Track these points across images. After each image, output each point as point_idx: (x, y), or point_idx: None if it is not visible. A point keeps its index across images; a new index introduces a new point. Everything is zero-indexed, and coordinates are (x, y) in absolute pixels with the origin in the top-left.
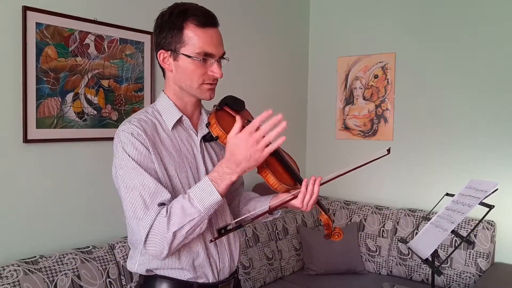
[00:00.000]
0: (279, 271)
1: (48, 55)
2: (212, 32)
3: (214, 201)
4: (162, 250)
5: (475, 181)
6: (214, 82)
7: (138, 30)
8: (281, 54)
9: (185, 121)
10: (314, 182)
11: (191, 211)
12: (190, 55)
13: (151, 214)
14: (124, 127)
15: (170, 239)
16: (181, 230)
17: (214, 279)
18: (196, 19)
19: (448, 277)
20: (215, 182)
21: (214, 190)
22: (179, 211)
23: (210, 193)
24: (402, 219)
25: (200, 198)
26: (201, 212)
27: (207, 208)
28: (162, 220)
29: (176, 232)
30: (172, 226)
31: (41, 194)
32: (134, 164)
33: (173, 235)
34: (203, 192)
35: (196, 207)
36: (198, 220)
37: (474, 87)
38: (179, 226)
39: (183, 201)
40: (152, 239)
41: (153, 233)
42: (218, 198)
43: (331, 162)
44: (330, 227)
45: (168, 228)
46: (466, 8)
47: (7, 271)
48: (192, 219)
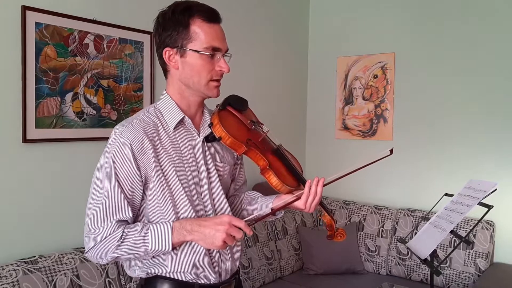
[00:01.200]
0: (278, 271)
1: (47, 54)
2: (217, 28)
3: (165, 248)
4: (100, 259)
5: (474, 181)
6: (220, 79)
7: (138, 30)
8: (281, 54)
9: (187, 121)
10: (317, 184)
11: (140, 247)
12: (198, 50)
13: (106, 228)
14: (121, 129)
15: (111, 258)
16: (124, 257)
17: (216, 280)
18: (202, 15)
19: (447, 277)
20: (173, 232)
21: (169, 241)
22: (130, 244)
23: (165, 241)
24: (401, 219)
25: (154, 241)
26: (148, 251)
27: (156, 250)
28: (113, 242)
29: (119, 257)
30: (118, 252)
31: (40, 193)
32: (113, 171)
33: (115, 258)
34: (160, 237)
35: (146, 246)
36: (142, 254)
37: (474, 87)
38: (123, 254)
39: (137, 236)
40: (96, 250)
41: (100, 246)
42: (169, 249)
43: (331, 162)
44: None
45: (114, 251)
46: (465, 8)
47: (6, 271)
48: (137, 253)
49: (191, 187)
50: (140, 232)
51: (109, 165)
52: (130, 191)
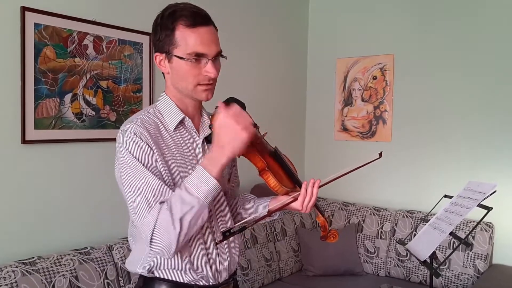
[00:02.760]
0: (278, 272)
1: (46, 55)
2: (203, 31)
3: (210, 186)
4: (170, 244)
5: (474, 183)
6: (210, 83)
7: (137, 31)
8: (280, 55)
9: (187, 122)
10: (313, 185)
11: (190, 200)
12: (182, 56)
13: (154, 212)
14: (126, 127)
15: (177, 230)
16: (185, 219)
17: (214, 281)
18: (184, 20)
19: (446, 278)
20: (207, 168)
21: (208, 175)
22: (179, 202)
23: (204, 179)
24: (400, 220)
25: (196, 186)
26: (200, 199)
27: (204, 194)
28: (165, 213)
29: (182, 220)
30: (175, 216)
31: (39, 195)
32: (138, 163)
33: (179, 224)
34: (198, 180)
35: (194, 195)
36: (198, 208)
37: (473, 89)
38: (181, 214)
39: (180, 192)
40: (158, 235)
41: (158, 228)
42: (214, 182)
43: (330, 163)
44: (326, 229)
45: (173, 219)
46: (465, 9)
47: (4, 272)
48: (192, 207)
49: None
50: (180, 190)
51: (129, 158)
52: (160, 172)
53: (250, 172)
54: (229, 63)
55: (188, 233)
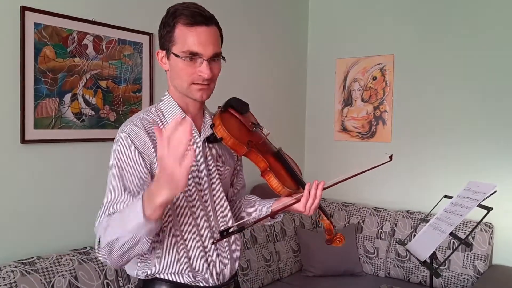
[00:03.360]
0: (277, 273)
1: (46, 55)
2: (201, 31)
3: (138, 222)
4: (104, 260)
5: (474, 183)
6: (205, 83)
7: (137, 31)
8: (280, 56)
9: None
10: (317, 187)
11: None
12: (177, 54)
13: (100, 222)
14: (124, 127)
15: (106, 250)
16: (116, 243)
17: (214, 283)
18: (184, 18)
19: (446, 279)
20: (144, 202)
21: (140, 212)
22: (117, 223)
23: (136, 214)
24: (400, 221)
25: (129, 216)
26: (130, 231)
27: (133, 228)
28: (102, 229)
29: (110, 243)
30: (106, 237)
31: (38, 194)
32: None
33: (108, 247)
34: (132, 211)
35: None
36: (129, 238)
37: (473, 89)
38: (111, 238)
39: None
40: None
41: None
42: (141, 221)
43: (330, 163)
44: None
45: (104, 238)
46: (465, 9)
47: (4, 272)
48: (122, 236)
49: (191, 188)
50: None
51: (114, 162)
52: (139, 184)
53: (251, 172)
54: (229, 63)
55: (123, 256)
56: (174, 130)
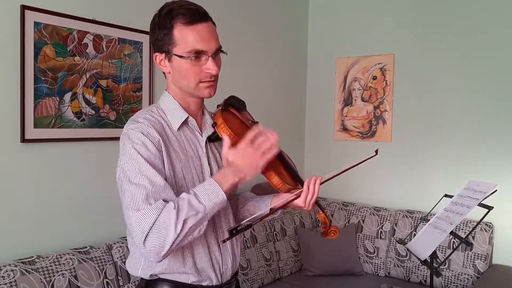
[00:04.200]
0: (277, 272)
1: (46, 54)
2: (201, 28)
3: (219, 199)
4: (164, 244)
5: (474, 182)
6: (212, 79)
7: (137, 30)
8: (280, 55)
9: (191, 122)
10: (315, 182)
11: (197, 206)
12: (181, 55)
13: (156, 207)
14: (133, 126)
15: (178, 231)
16: (188, 222)
17: (218, 282)
18: (182, 18)
19: (446, 278)
20: (219, 182)
21: (219, 189)
22: (186, 205)
23: (215, 192)
24: (400, 220)
25: (207, 195)
26: (206, 209)
27: (212, 205)
28: (170, 212)
29: (185, 222)
30: (180, 217)
31: (38, 194)
32: (143, 160)
33: (181, 226)
34: (209, 190)
35: (202, 203)
36: (202, 216)
37: (473, 88)
38: (186, 216)
39: (189, 196)
40: (155, 232)
41: (158, 225)
42: (223, 197)
43: (330, 163)
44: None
45: (177, 219)
46: (465, 9)
47: (3, 271)
48: (197, 212)
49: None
50: (189, 195)
51: (135, 156)
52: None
53: None
54: (229, 62)
55: (184, 239)
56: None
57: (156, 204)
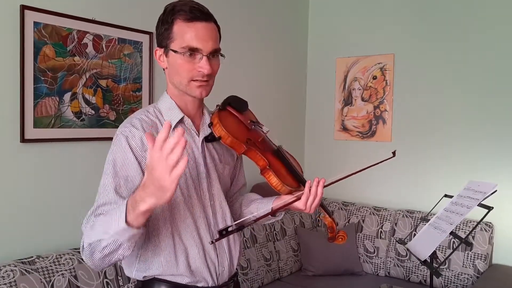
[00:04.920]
0: (277, 272)
1: (46, 54)
2: (200, 27)
3: (120, 227)
4: (87, 261)
5: (474, 182)
6: (204, 79)
7: (137, 30)
8: (280, 55)
9: (187, 121)
10: (317, 184)
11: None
12: (176, 50)
13: (88, 222)
14: (123, 129)
15: (88, 251)
16: (97, 245)
17: (214, 283)
18: (183, 14)
19: (446, 278)
20: (128, 207)
21: (123, 217)
22: (100, 225)
23: (118, 219)
24: (400, 220)
25: (112, 220)
26: (111, 235)
27: (115, 232)
28: (87, 229)
29: (92, 245)
30: (87, 238)
31: (38, 194)
32: (111, 169)
33: (89, 248)
34: (115, 215)
35: (108, 228)
36: (110, 242)
37: (473, 88)
38: (93, 239)
39: (103, 218)
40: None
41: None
42: (122, 226)
43: (330, 163)
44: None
45: (87, 238)
46: (465, 9)
47: (3, 271)
48: (102, 239)
49: (189, 189)
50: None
51: (110, 164)
52: (132, 189)
53: (250, 171)
54: (229, 62)
55: (104, 259)
56: (166, 138)
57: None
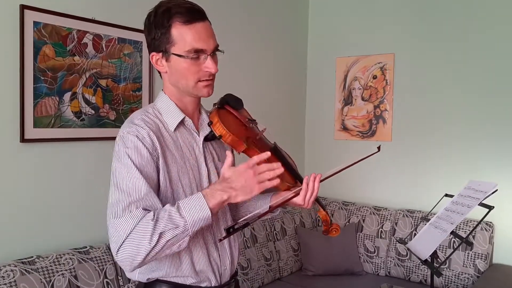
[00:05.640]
0: (277, 272)
1: (45, 54)
2: (200, 27)
3: (202, 215)
4: (137, 255)
5: (475, 182)
6: (211, 78)
7: (137, 30)
8: (280, 54)
9: (188, 122)
10: (314, 179)
11: (177, 220)
12: (181, 54)
13: (135, 215)
14: (129, 130)
15: (152, 244)
16: (164, 236)
17: (217, 283)
18: (180, 17)
19: (446, 278)
20: (207, 197)
21: (205, 204)
22: (166, 217)
23: (200, 206)
24: (400, 220)
25: (189, 209)
26: (186, 224)
27: (194, 220)
28: (148, 222)
29: (161, 235)
30: (157, 229)
31: (38, 194)
32: (134, 168)
33: (157, 239)
34: (193, 204)
35: (183, 217)
36: (182, 231)
37: (474, 88)
38: (163, 229)
39: (170, 208)
40: (131, 241)
41: (134, 234)
42: (207, 213)
43: (330, 162)
44: (328, 223)
45: (153, 230)
46: (465, 8)
47: (3, 271)
48: (177, 227)
49: (192, 188)
50: (171, 206)
51: (126, 161)
52: (154, 180)
53: None
54: (229, 62)
55: (160, 252)
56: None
57: (136, 212)
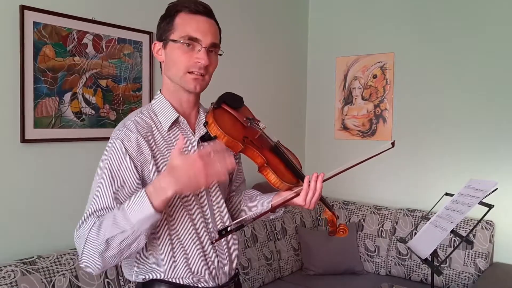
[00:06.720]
0: (278, 272)
1: (46, 54)
2: (201, 19)
3: (146, 214)
4: (95, 262)
5: (475, 181)
6: (201, 72)
7: (137, 30)
8: (280, 54)
9: (182, 121)
10: (316, 179)
11: (122, 223)
12: (175, 39)
13: (88, 224)
14: (118, 133)
15: (101, 251)
16: (113, 241)
17: (214, 284)
18: (186, 7)
19: (447, 277)
20: (150, 196)
21: (148, 203)
22: (111, 223)
23: (142, 206)
24: (401, 219)
25: (133, 211)
26: (134, 225)
27: (140, 222)
28: (94, 231)
29: (109, 241)
30: (102, 236)
31: (38, 194)
32: (107, 173)
33: (105, 246)
34: (137, 206)
35: (128, 220)
36: (130, 234)
37: (474, 87)
38: (110, 235)
39: (116, 212)
40: (86, 251)
41: (88, 245)
42: (150, 212)
43: (330, 162)
44: (335, 223)
45: (99, 239)
46: (465, 8)
47: (4, 272)
48: (122, 231)
49: None
50: (117, 210)
51: (106, 168)
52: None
53: (250, 170)
54: (229, 62)
55: (119, 254)
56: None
57: (89, 221)
